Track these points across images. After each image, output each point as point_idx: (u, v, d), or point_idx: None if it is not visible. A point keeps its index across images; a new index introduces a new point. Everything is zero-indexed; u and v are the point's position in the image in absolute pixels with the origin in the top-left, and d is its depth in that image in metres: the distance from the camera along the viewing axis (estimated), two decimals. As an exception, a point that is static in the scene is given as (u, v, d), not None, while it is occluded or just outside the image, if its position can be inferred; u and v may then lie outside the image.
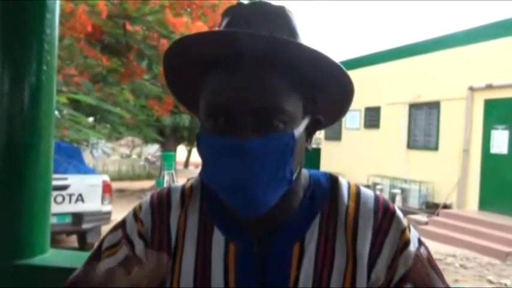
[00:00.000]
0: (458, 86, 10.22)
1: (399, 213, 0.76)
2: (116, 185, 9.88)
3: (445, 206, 10.23)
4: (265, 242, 0.73)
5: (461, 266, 7.34)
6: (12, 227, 1.25)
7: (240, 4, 0.75)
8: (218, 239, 0.75)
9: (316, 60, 0.68)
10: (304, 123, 0.70)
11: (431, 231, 9.16)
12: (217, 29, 0.74)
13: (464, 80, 10.10)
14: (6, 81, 1.23)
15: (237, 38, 0.64)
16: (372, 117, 13.25)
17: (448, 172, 10.38)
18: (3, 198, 1.26)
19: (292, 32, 0.72)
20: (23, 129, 1.25)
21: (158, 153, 20.37)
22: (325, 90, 0.74)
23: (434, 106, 11.19)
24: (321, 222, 0.74)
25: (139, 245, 0.78)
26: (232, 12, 0.73)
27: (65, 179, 6.44)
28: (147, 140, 17.37)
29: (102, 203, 6.91)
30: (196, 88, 0.73)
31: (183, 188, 0.82)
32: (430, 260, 0.75)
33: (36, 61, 1.24)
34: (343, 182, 0.79)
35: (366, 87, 13.13)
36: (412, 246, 0.73)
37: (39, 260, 1.27)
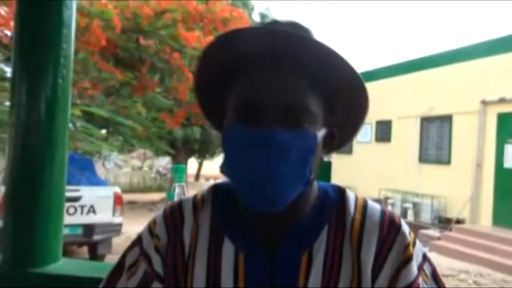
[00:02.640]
0: (471, 99, 10.15)
1: (404, 227, 0.77)
2: (127, 197, 9.93)
3: (458, 221, 10.08)
4: (274, 251, 0.75)
5: (475, 282, 7.20)
6: (26, 236, 1.28)
7: (274, 20, 0.78)
8: (228, 248, 0.77)
9: (337, 64, 0.70)
10: (323, 131, 0.73)
11: (444, 247, 9.03)
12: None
13: (477, 94, 10.03)
14: (24, 94, 1.27)
15: (276, 36, 0.68)
16: (383, 131, 13.19)
17: (461, 186, 10.25)
18: (18, 208, 1.29)
19: None
20: (39, 140, 1.28)
21: (169, 166, 20.45)
22: (342, 99, 0.76)
23: (446, 120, 11.11)
24: (329, 232, 0.76)
25: (156, 260, 0.80)
26: (268, 24, 0.77)
27: (77, 190, 6.51)
28: (158, 153, 17.48)
29: (113, 214, 6.95)
30: (223, 90, 0.76)
31: (194, 199, 0.84)
32: (435, 276, 0.76)
33: (52, 75, 1.28)
34: (351, 194, 0.81)
35: (377, 100, 13.11)
36: (415, 262, 0.74)
37: (52, 268, 1.29)
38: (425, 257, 0.77)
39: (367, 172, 13.38)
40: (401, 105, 12.30)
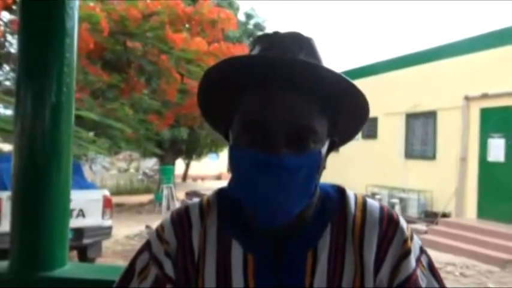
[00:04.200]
0: (455, 95, 10.34)
1: (403, 222, 0.82)
2: (114, 200, 9.85)
3: (444, 215, 10.28)
4: (281, 251, 0.79)
5: (461, 274, 7.36)
6: (33, 240, 1.31)
7: (275, 32, 0.81)
8: (237, 251, 0.80)
9: (341, 85, 0.74)
10: (327, 143, 0.78)
11: (431, 240, 9.19)
12: (253, 53, 0.80)
13: (460, 90, 10.22)
14: (29, 102, 1.30)
15: (279, 62, 0.71)
16: (370, 128, 13.33)
17: (446, 181, 10.45)
18: (24, 212, 1.32)
19: (320, 59, 0.79)
20: (44, 146, 1.31)
21: (156, 167, 20.35)
22: (345, 114, 0.80)
23: (430, 116, 11.30)
24: (332, 231, 0.80)
25: (167, 264, 0.83)
26: (268, 40, 0.79)
27: (66, 194, 6.45)
28: (145, 154, 17.37)
29: (103, 217, 6.92)
30: (228, 107, 0.79)
31: (200, 204, 0.88)
32: (431, 267, 0.82)
33: (56, 83, 1.31)
34: (350, 193, 0.86)
35: (363, 98, 13.25)
36: (413, 254, 0.79)
37: (58, 272, 1.32)
38: (422, 250, 0.82)
39: (354, 169, 13.51)
40: (387, 102, 12.44)
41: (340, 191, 0.86)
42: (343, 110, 0.79)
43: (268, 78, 0.73)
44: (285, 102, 0.72)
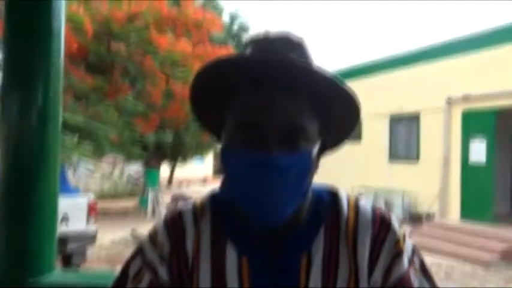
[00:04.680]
0: (437, 97, 10.52)
1: (395, 223, 0.82)
2: (98, 204, 9.71)
3: (428, 216, 10.41)
4: (275, 254, 0.79)
5: (447, 274, 7.46)
6: (20, 246, 1.28)
7: (266, 34, 0.81)
8: (231, 254, 0.80)
9: (332, 87, 0.75)
10: (318, 144, 0.77)
11: (416, 241, 9.26)
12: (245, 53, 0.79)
13: (443, 92, 10.40)
14: (16, 107, 1.27)
15: (270, 63, 0.72)
16: (355, 130, 13.44)
17: (430, 182, 10.60)
18: (11, 218, 1.29)
19: (311, 59, 0.80)
20: (31, 150, 1.29)
21: (141, 171, 20.17)
22: (337, 115, 0.80)
23: (414, 118, 11.46)
24: (325, 233, 0.80)
25: (161, 269, 0.82)
26: (259, 41, 0.79)
27: (50, 199, 6.34)
28: (130, 158, 17.20)
29: (88, 223, 6.82)
30: (220, 108, 0.78)
31: (194, 207, 0.87)
32: (423, 267, 0.82)
33: (43, 88, 1.29)
34: (343, 195, 0.86)
35: (347, 100, 13.37)
36: (406, 255, 0.79)
37: (47, 278, 1.29)
38: (414, 250, 0.82)
39: (339, 170, 13.59)
40: (371, 105, 12.55)
41: (333, 193, 0.86)
42: (334, 111, 0.79)
43: (260, 78, 0.73)
44: (277, 102, 0.72)
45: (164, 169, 20.86)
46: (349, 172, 13.08)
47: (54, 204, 1.35)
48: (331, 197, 0.85)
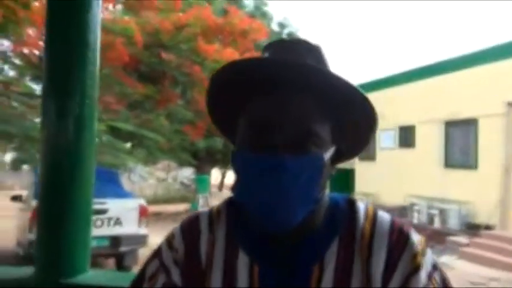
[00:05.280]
0: (496, 101, 9.94)
1: (413, 236, 0.78)
2: (151, 209, 10.03)
3: (487, 227, 9.82)
4: (287, 262, 0.77)
5: (507, 290, 7.00)
6: (56, 248, 1.35)
7: (283, 39, 0.82)
8: (243, 260, 0.79)
9: (348, 92, 0.73)
10: (331, 150, 0.76)
11: (473, 254, 8.81)
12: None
13: (502, 95, 9.82)
14: (53, 113, 1.35)
15: (285, 65, 0.72)
16: (407, 136, 13.01)
17: (489, 191, 10.00)
18: (48, 220, 1.37)
19: (327, 66, 0.79)
20: (67, 156, 1.36)
21: (193, 177, 20.64)
22: (351, 121, 0.79)
23: (471, 123, 10.89)
24: (340, 243, 0.78)
25: (175, 272, 0.83)
26: (276, 45, 0.80)
27: (104, 203, 6.65)
28: (182, 164, 17.67)
29: (139, 226, 7.06)
30: (234, 110, 0.79)
31: (210, 212, 0.88)
32: (446, 283, 0.77)
33: (79, 95, 1.36)
34: (361, 204, 0.83)
35: (400, 106, 12.97)
36: (424, 271, 0.75)
37: (80, 279, 1.35)
38: (435, 266, 0.78)
39: (391, 179, 13.19)
40: (424, 110, 12.12)
41: (350, 202, 0.83)
42: (350, 117, 0.78)
43: (274, 81, 0.73)
44: (290, 105, 0.72)
45: (216, 175, 21.22)
46: (402, 180, 12.64)
47: (89, 207, 1.42)
48: (348, 205, 0.83)
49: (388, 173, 13.37)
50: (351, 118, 0.78)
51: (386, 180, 13.41)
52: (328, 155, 0.74)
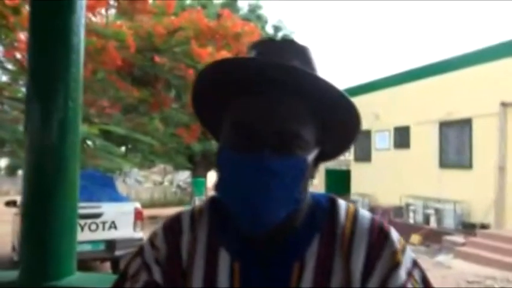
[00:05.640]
0: (490, 101, 9.98)
1: (393, 234, 0.79)
2: (148, 212, 10.01)
3: (483, 226, 9.85)
4: (268, 261, 0.78)
5: (502, 289, 7.02)
6: (41, 251, 1.35)
7: (270, 39, 0.81)
8: (224, 258, 0.80)
9: (332, 95, 0.74)
10: (315, 152, 0.76)
11: (469, 253, 8.84)
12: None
13: (496, 96, 9.87)
14: (37, 116, 1.35)
15: (270, 66, 0.71)
16: (402, 137, 13.06)
17: (484, 191, 10.03)
18: (32, 223, 1.37)
19: (314, 68, 0.79)
20: (51, 159, 1.36)
21: (189, 180, 20.62)
22: (336, 124, 0.79)
23: (466, 123, 10.93)
24: (320, 241, 0.78)
25: (156, 271, 0.83)
26: (263, 45, 0.80)
27: (99, 207, 6.63)
28: (177, 167, 17.66)
29: (134, 229, 7.03)
30: (220, 109, 0.79)
31: (192, 211, 0.88)
32: (425, 280, 0.78)
33: (63, 98, 1.36)
34: (342, 203, 0.84)
35: (395, 107, 13.02)
36: (404, 268, 0.76)
37: (66, 282, 1.35)
38: (415, 263, 0.79)
39: (387, 179, 13.22)
40: (419, 111, 12.17)
41: (332, 201, 0.84)
42: (334, 120, 0.78)
43: (259, 81, 0.73)
44: (274, 106, 0.72)
45: (212, 177, 21.19)
46: (397, 181, 12.67)
47: (74, 210, 1.41)
48: (329, 204, 0.83)
49: (384, 173, 13.40)
50: (335, 120, 0.78)
51: (382, 181, 13.43)
52: (311, 156, 0.75)
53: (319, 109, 0.75)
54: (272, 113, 0.71)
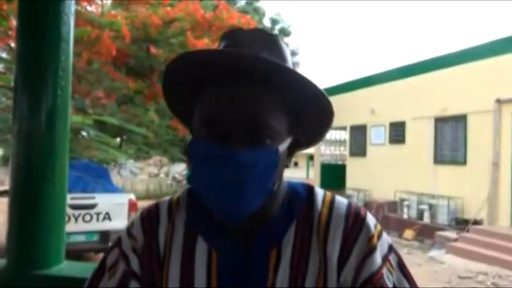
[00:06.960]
0: (485, 98, 10.02)
1: (370, 219, 0.80)
2: (143, 204, 10.02)
3: (476, 222, 9.92)
4: (245, 248, 0.78)
5: (493, 284, 7.09)
6: (30, 239, 1.35)
7: (240, 29, 0.82)
8: (201, 247, 0.80)
9: (303, 85, 0.74)
10: (288, 141, 0.76)
11: (461, 248, 8.90)
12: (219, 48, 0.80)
13: (491, 92, 9.90)
14: (25, 105, 1.34)
15: (239, 57, 0.71)
16: (397, 132, 13.09)
17: (478, 187, 10.10)
18: (21, 213, 1.36)
19: (285, 58, 0.79)
20: (40, 149, 1.35)
21: (185, 172, 20.60)
22: (308, 114, 0.79)
23: (460, 119, 10.98)
24: (297, 228, 0.79)
25: (134, 260, 0.83)
26: (233, 35, 0.80)
27: (93, 198, 6.63)
28: (173, 159, 17.63)
29: (128, 221, 7.05)
30: (190, 100, 0.79)
31: (170, 201, 0.89)
32: (401, 266, 0.79)
33: (52, 87, 1.35)
34: (319, 190, 0.84)
35: (390, 102, 13.03)
36: (380, 252, 0.77)
37: (55, 270, 1.35)
38: (391, 248, 0.80)
39: (382, 174, 13.27)
40: (415, 106, 12.19)
41: (309, 189, 0.85)
42: (306, 111, 0.78)
43: (228, 73, 0.73)
44: (243, 98, 0.72)
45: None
46: (392, 176, 12.72)
47: (63, 199, 1.41)
48: (306, 192, 0.84)
49: (379, 168, 13.45)
50: (307, 110, 0.78)
51: (376, 176, 13.48)
52: (284, 146, 0.75)
53: (290, 99, 0.75)
54: (241, 104, 0.71)
